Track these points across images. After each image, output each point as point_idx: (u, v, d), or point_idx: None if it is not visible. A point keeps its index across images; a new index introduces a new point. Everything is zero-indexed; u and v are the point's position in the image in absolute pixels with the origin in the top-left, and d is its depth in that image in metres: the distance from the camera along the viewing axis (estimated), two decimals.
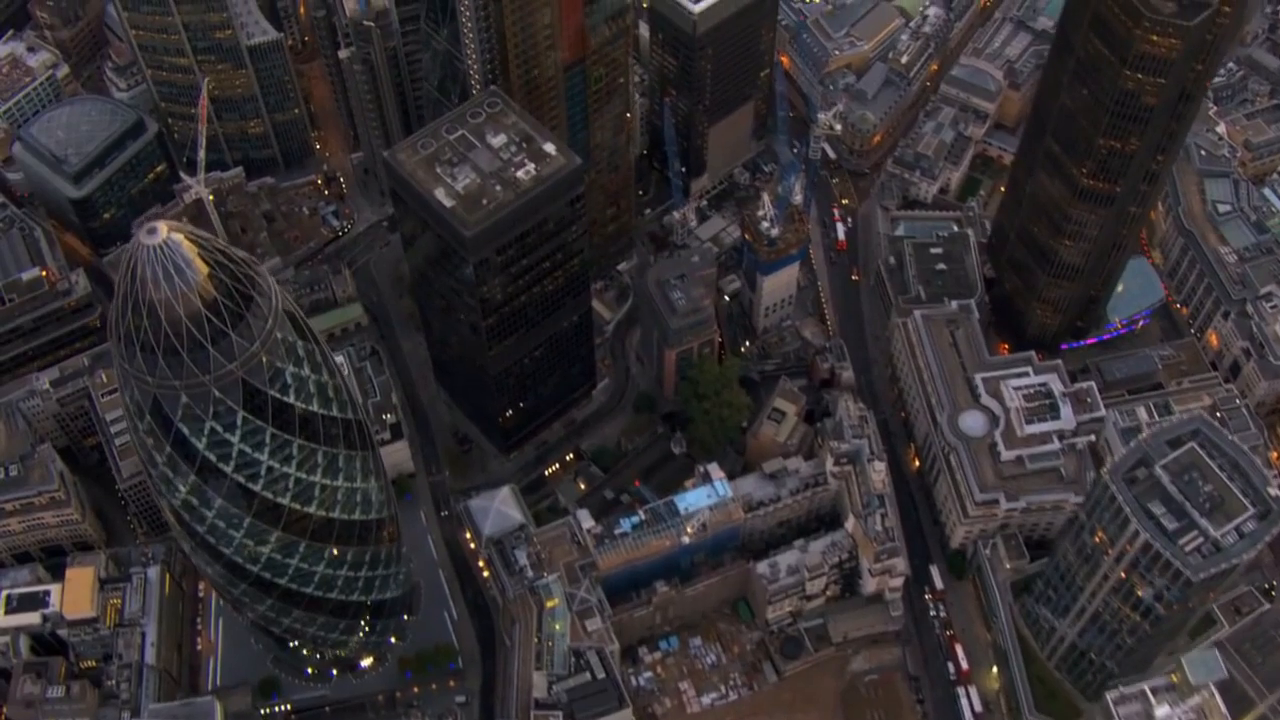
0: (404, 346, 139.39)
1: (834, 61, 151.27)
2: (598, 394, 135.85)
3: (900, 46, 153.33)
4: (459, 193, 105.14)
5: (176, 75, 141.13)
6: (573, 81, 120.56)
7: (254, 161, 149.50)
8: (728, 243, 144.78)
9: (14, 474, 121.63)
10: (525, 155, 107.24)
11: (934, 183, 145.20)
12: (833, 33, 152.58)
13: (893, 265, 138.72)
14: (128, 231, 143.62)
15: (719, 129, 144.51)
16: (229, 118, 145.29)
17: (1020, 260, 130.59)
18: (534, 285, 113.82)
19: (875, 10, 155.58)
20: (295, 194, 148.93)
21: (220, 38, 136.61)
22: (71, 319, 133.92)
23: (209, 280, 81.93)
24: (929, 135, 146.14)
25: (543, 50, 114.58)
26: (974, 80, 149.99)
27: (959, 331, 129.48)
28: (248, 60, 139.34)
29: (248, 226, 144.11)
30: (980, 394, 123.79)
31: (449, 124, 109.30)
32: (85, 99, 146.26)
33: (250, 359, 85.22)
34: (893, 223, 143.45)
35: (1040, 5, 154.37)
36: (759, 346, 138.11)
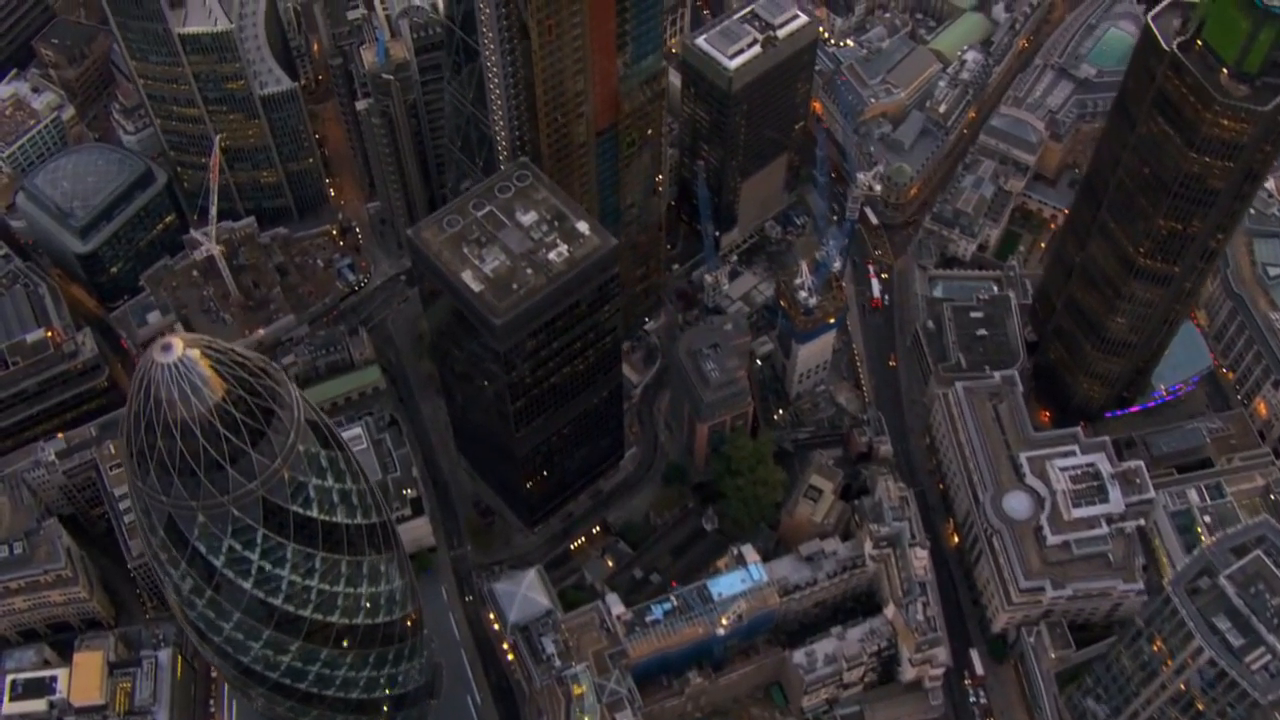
0: (423, 410, 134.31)
1: (870, 110, 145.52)
2: (625, 463, 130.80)
3: (938, 94, 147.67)
4: (488, 276, 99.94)
5: (186, 125, 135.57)
6: (604, 146, 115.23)
7: (266, 210, 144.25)
8: (759, 301, 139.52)
9: (19, 552, 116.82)
10: (557, 235, 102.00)
11: (973, 241, 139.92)
12: (868, 79, 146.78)
13: (931, 330, 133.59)
14: (136, 284, 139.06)
15: (751, 183, 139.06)
16: (240, 167, 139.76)
17: (1066, 331, 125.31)
18: (564, 365, 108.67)
19: (911, 56, 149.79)
20: (309, 245, 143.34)
21: (232, 88, 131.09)
22: (78, 381, 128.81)
23: (227, 398, 77.17)
24: (968, 190, 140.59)
25: (573, 118, 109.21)
26: (1014, 131, 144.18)
27: (1002, 405, 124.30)
28: (261, 110, 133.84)
29: (260, 281, 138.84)
30: (1025, 473, 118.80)
31: (476, 199, 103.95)
32: (91, 147, 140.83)
33: (271, 476, 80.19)
34: (930, 283, 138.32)
35: (1083, 52, 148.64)
36: (792, 413, 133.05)
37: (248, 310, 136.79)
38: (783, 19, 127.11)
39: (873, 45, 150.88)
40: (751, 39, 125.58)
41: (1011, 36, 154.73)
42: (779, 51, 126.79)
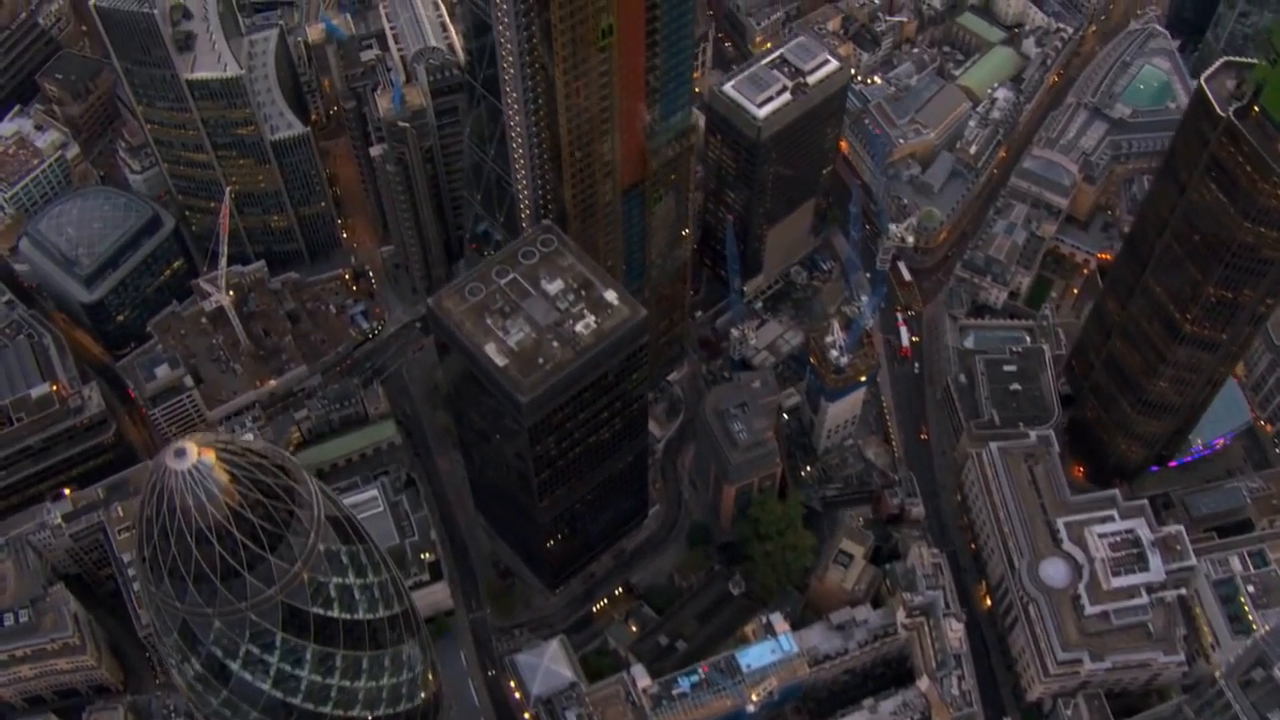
0: (440, 465, 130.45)
1: (898, 152, 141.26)
2: (649, 521, 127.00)
3: (968, 134, 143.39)
4: (512, 349, 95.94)
5: (195, 170, 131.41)
6: (630, 202, 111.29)
7: (277, 254, 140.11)
8: (785, 351, 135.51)
9: (25, 620, 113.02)
10: (584, 305, 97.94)
11: (1005, 289, 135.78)
12: (897, 119, 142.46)
13: (963, 383, 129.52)
14: (143, 331, 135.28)
15: (777, 229, 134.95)
16: (250, 212, 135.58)
17: (1104, 389, 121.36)
18: (590, 435, 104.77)
19: (941, 94, 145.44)
20: (322, 290, 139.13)
21: (242, 133, 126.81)
22: (85, 437, 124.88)
23: (244, 502, 73.35)
24: (1000, 236, 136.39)
25: (600, 178, 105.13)
26: (1047, 174, 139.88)
27: (1038, 467, 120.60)
28: (271, 156, 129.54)
29: (271, 329, 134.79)
30: (1062, 539, 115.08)
31: (499, 265, 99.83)
32: (96, 191, 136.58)
33: (291, 581, 76.56)
34: (962, 332, 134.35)
35: (1117, 91, 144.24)
36: (819, 469, 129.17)
37: (258, 360, 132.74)
38: (813, 64, 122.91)
39: (900, 82, 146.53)
40: (781, 86, 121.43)
41: (1042, 73, 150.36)
42: (809, 99, 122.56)
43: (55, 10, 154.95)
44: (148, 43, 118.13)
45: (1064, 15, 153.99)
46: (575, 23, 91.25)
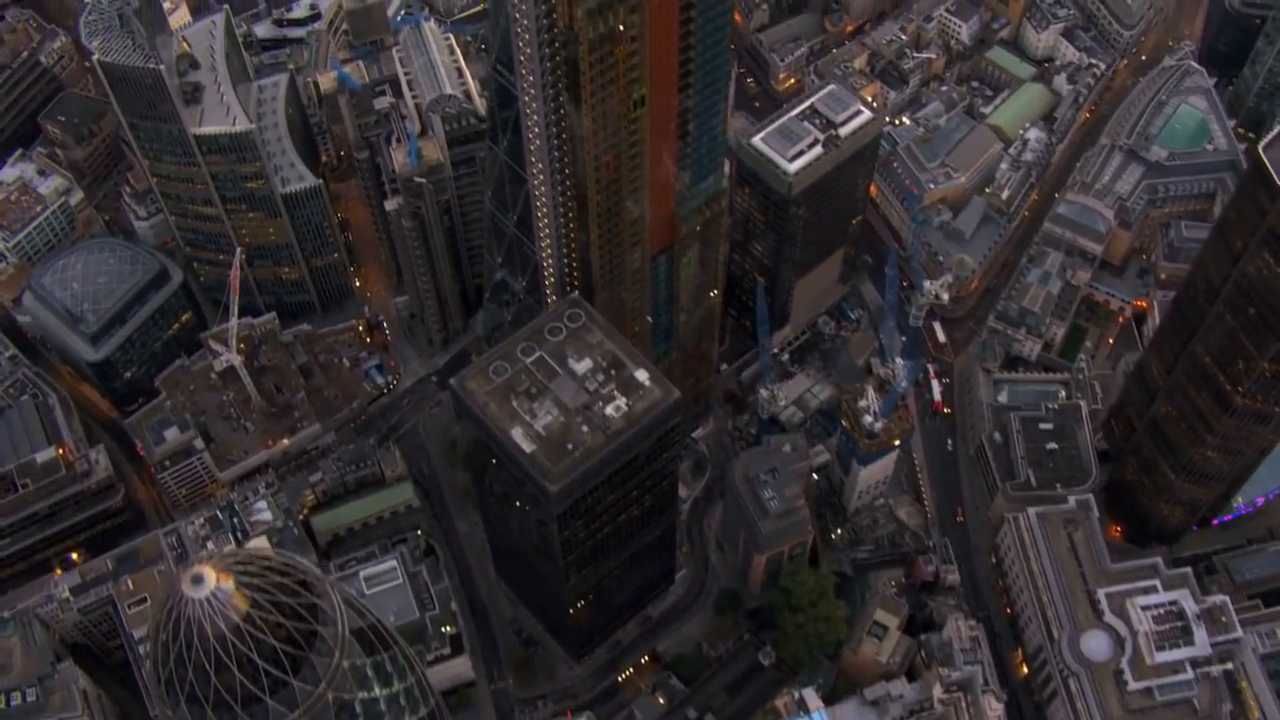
0: (459, 527, 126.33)
1: (929, 197, 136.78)
2: (675, 585, 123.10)
3: (1000, 177, 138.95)
4: (540, 434, 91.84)
5: (203, 223, 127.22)
6: (659, 266, 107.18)
7: (288, 305, 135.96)
8: (813, 406, 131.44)
9: (32, 699, 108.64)
10: (614, 385, 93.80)
11: (1039, 341, 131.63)
12: (927, 163, 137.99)
13: (998, 442, 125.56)
14: (151, 387, 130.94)
15: (806, 280, 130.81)
16: (261, 264, 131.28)
17: (1146, 454, 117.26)
18: (619, 514, 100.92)
19: (971, 135, 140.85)
20: (334, 342, 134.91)
21: (252, 187, 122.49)
22: (92, 502, 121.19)
23: (264, 626, 69.44)
24: (1034, 287, 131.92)
25: (628, 246, 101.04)
26: (1081, 220, 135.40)
27: (1077, 534, 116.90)
28: (282, 208, 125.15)
29: (284, 384, 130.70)
30: (1104, 611, 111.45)
31: (525, 342, 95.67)
32: (101, 243, 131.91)
33: (315, 703, 72.93)
34: (995, 386, 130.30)
35: (1153, 133, 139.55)
36: (850, 530, 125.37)
37: (270, 417, 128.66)
38: (845, 115, 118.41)
39: (929, 122, 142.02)
40: (812, 139, 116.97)
41: (1075, 111, 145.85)
42: (841, 151, 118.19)
43: (57, 49, 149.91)
44: (153, 98, 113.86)
45: (1095, 50, 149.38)
46: (606, 95, 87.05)
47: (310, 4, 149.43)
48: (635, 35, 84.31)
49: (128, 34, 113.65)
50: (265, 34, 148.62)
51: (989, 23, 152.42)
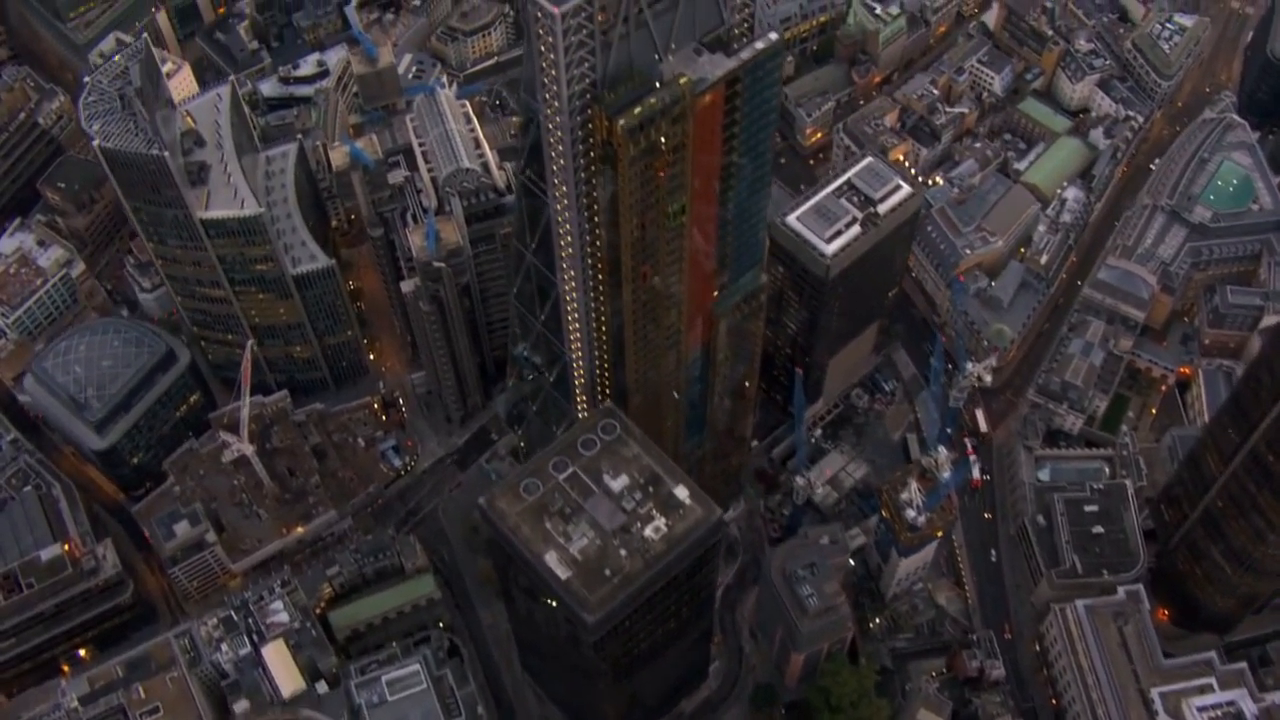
0: (483, 618, 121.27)
1: (965, 263, 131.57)
2: (709, 678, 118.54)
3: (1037, 240, 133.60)
4: (575, 558, 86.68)
5: (211, 305, 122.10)
6: (693, 363, 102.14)
7: (300, 383, 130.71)
8: (848, 485, 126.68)
9: None
10: (653, 504, 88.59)
11: (1081, 415, 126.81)
12: (962, 227, 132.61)
13: (1041, 525, 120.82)
14: (159, 470, 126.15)
15: (839, 356, 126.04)
16: (272, 344, 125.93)
17: (1200, 546, 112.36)
18: (656, 629, 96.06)
19: (1008, 196, 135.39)
20: (349, 420, 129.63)
21: (262, 269, 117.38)
22: (100, 600, 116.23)
23: None
24: (1076, 359, 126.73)
25: (664, 351, 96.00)
26: (1123, 285, 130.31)
27: (1127, 627, 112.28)
28: (294, 289, 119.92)
29: (297, 468, 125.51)
30: (1158, 712, 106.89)
31: (558, 457, 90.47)
32: (105, 323, 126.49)
33: None
34: (1036, 463, 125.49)
35: (1195, 192, 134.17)
36: (889, 617, 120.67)
37: (284, 503, 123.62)
38: (883, 192, 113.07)
39: (963, 181, 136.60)
40: (850, 218, 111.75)
41: (1113, 167, 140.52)
42: (880, 230, 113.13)
43: (56, 109, 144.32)
44: (157, 182, 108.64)
45: (1132, 101, 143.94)
46: (646, 207, 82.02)
47: (317, 61, 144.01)
48: (677, 146, 79.38)
49: (129, 116, 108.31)
50: (271, 92, 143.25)
51: (1022, 73, 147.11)
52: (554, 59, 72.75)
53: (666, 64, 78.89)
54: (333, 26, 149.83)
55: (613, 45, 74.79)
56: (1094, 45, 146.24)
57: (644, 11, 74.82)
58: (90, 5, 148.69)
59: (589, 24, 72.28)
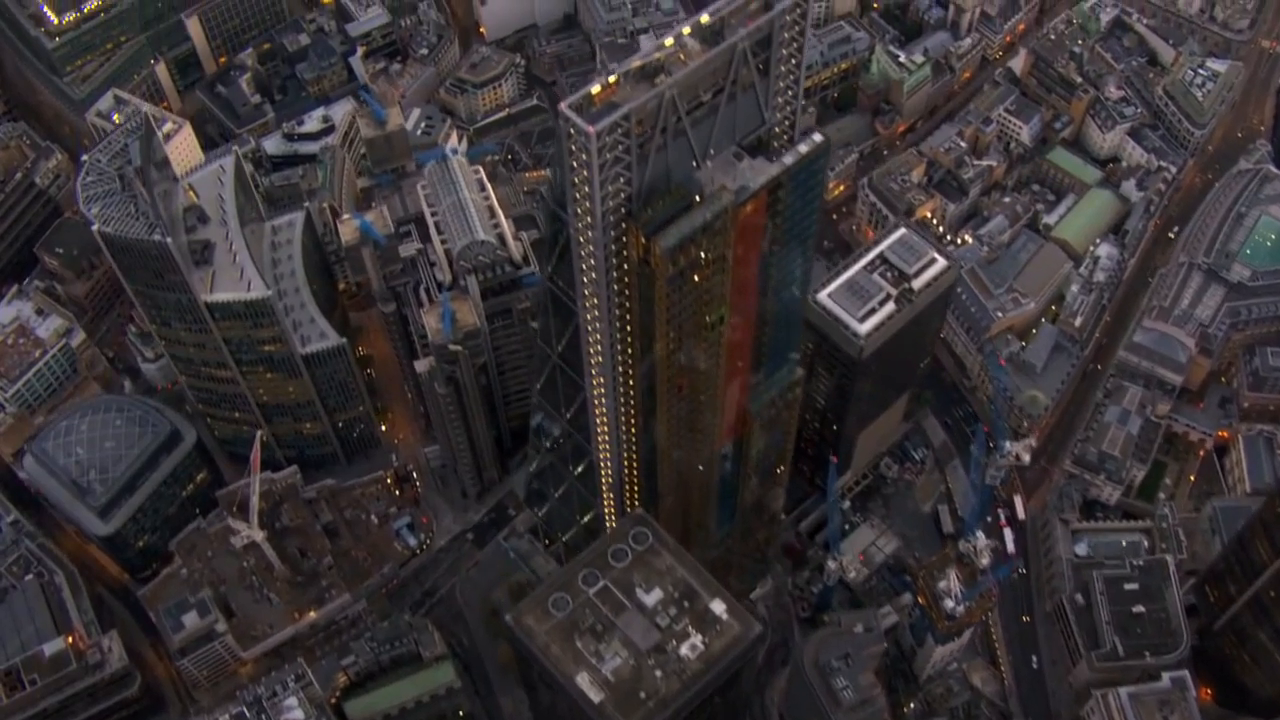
0: (503, 705, 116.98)
1: (996, 326, 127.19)
2: None
3: (1070, 301, 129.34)
4: (608, 680, 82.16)
5: (217, 385, 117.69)
6: (725, 456, 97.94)
7: (310, 458, 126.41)
8: (878, 560, 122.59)
9: None
10: (689, 620, 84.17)
11: (1119, 486, 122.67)
12: (994, 288, 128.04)
13: (1079, 604, 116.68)
14: (165, 551, 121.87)
15: (869, 429, 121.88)
16: (280, 421, 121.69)
17: (1248, 632, 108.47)
18: None
19: (1040, 255, 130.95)
20: (362, 495, 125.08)
21: (270, 350, 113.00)
22: (107, 694, 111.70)
23: None
24: (1113, 428, 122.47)
25: (698, 447, 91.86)
26: (1160, 349, 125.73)
27: (1173, 716, 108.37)
28: (303, 369, 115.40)
29: (309, 548, 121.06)
30: None
31: (588, 569, 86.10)
32: (107, 401, 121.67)
33: None
34: (1073, 536, 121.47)
35: (1233, 249, 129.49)
36: (923, 701, 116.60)
37: (296, 586, 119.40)
38: (918, 266, 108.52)
39: (993, 240, 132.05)
40: (884, 294, 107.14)
41: (1146, 220, 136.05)
42: (915, 306, 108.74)
43: (53, 167, 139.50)
44: (160, 267, 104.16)
45: (1165, 151, 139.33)
46: (683, 320, 77.73)
47: (323, 116, 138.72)
48: (718, 258, 75.02)
49: (129, 198, 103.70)
50: (275, 150, 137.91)
51: (1050, 122, 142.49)
52: (587, 176, 68.36)
53: (705, 170, 74.54)
54: (338, 78, 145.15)
55: (649, 157, 70.42)
56: (1124, 92, 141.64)
57: (682, 120, 70.49)
58: (88, 58, 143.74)
59: (625, 139, 67.95)
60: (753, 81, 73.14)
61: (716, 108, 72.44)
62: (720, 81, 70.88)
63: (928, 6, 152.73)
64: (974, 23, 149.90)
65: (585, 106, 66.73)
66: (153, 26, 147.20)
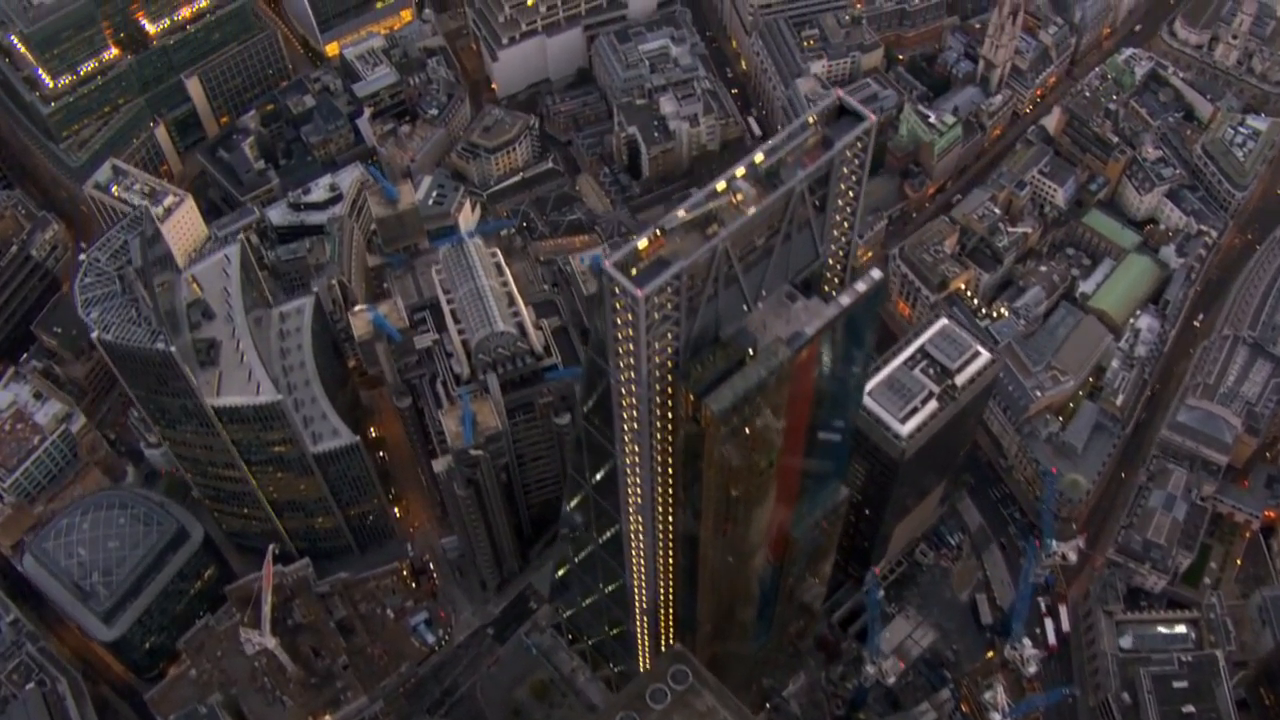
0: None
1: (1035, 406, 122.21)
2: None
3: (1111, 378, 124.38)
4: None
5: (225, 484, 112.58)
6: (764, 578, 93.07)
7: (322, 549, 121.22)
8: (915, 655, 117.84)
9: None
10: None
11: (1165, 575, 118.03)
12: (1032, 366, 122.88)
13: (1126, 702, 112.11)
14: (172, 650, 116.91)
15: (906, 520, 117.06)
16: (291, 516, 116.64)
17: None
18: None
19: (1078, 329, 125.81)
20: (376, 588, 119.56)
21: (280, 451, 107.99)
22: None
23: None
24: (1158, 514, 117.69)
25: (739, 578, 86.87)
26: (1205, 428, 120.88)
27: None
28: (315, 467, 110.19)
29: (322, 647, 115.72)
30: None
31: (625, 712, 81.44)
32: (109, 497, 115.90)
33: None
34: (1118, 628, 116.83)
35: (1278, 321, 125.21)
36: None
37: (309, 688, 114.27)
38: (961, 361, 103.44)
39: (1030, 312, 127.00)
40: (926, 393, 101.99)
41: (1187, 288, 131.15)
42: (958, 403, 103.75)
43: (50, 238, 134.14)
44: (164, 374, 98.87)
45: (1204, 214, 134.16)
46: (732, 468, 72.71)
47: (330, 185, 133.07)
48: (772, 409, 69.99)
49: (130, 302, 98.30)
50: (281, 220, 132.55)
51: (1085, 183, 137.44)
52: (633, 336, 63.22)
53: (756, 313, 69.52)
54: (344, 141, 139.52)
55: (699, 309, 65.38)
56: (1162, 151, 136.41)
57: (735, 267, 65.44)
58: (85, 122, 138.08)
59: (675, 296, 62.87)
60: (808, 218, 68.15)
61: (771, 249, 67.33)
62: (776, 225, 65.82)
63: (955, 60, 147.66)
64: (1005, 78, 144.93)
65: (631, 262, 61.55)
66: (152, 88, 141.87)
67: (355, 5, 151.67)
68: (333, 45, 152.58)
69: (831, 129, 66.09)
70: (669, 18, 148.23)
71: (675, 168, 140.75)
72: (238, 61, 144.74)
